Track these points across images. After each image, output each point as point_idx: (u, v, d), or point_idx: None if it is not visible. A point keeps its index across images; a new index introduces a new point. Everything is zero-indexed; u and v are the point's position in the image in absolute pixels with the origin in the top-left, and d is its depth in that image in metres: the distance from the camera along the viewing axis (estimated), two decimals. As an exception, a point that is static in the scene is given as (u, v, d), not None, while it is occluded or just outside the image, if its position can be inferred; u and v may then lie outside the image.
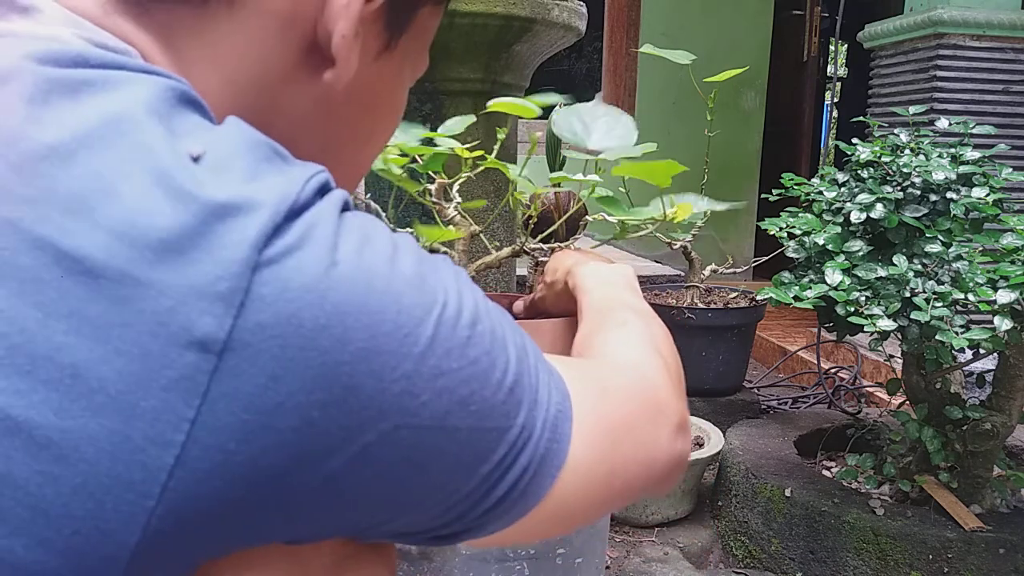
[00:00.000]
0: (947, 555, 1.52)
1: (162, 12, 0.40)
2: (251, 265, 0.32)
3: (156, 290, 0.31)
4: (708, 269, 2.34)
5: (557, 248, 0.85)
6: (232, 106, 0.41)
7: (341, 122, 0.47)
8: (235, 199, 0.33)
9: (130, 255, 0.31)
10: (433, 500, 0.38)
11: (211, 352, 0.31)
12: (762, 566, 1.77)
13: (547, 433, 0.41)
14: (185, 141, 0.34)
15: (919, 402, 1.67)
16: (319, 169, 0.37)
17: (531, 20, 1.52)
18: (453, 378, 0.37)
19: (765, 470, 1.81)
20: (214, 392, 0.31)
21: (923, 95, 2.89)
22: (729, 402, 2.43)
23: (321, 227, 0.34)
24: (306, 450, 0.33)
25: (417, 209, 1.42)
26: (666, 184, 0.75)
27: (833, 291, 1.47)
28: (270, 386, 0.32)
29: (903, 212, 1.57)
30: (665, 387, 0.52)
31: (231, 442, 0.32)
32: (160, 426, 0.31)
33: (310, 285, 0.33)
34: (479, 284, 0.45)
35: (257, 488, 0.33)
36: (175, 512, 0.31)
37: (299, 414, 0.33)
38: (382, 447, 0.35)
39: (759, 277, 3.96)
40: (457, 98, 1.61)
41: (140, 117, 0.34)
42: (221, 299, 0.32)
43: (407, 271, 0.37)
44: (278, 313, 0.32)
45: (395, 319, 0.35)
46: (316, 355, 0.33)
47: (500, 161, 0.83)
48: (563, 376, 0.45)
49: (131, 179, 0.32)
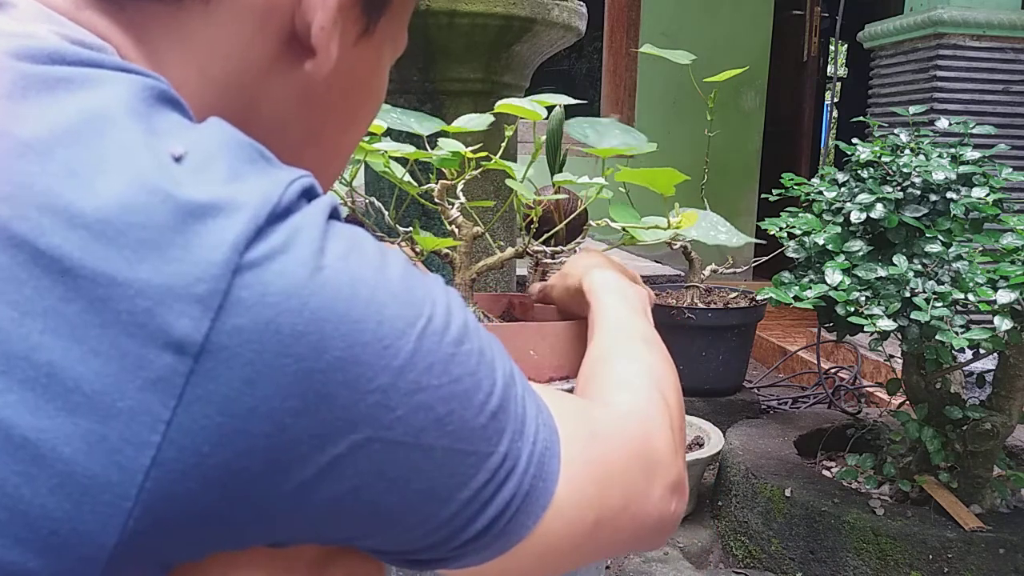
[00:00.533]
0: (947, 555, 1.52)
1: (134, 8, 0.40)
2: (231, 268, 0.32)
3: (133, 290, 0.31)
4: (708, 269, 2.34)
5: (558, 250, 0.85)
6: (211, 101, 0.41)
7: (324, 109, 0.46)
8: (215, 200, 0.33)
9: (107, 255, 0.31)
10: (409, 521, 0.38)
11: (187, 354, 0.31)
12: (762, 566, 1.77)
13: (533, 469, 0.40)
14: (166, 140, 0.34)
15: (919, 402, 1.67)
16: (303, 173, 0.36)
17: (531, 20, 1.52)
18: (432, 395, 0.36)
19: (765, 470, 1.81)
20: (189, 394, 0.31)
21: (923, 95, 2.89)
22: (729, 402, 2.43)
23: (306, 232, 0.34)
24: (278, 456, 0.33)
25: (418, 210, 1.42)
26: (669, 192, 0.75)
27: (833, 291, 1.47)
28: (245, 390, 0.32)
29: (903, 212, 1.57)
30: (664, 441, 0.51)
31: (205, 444, 0.32)
32: (136, 427, 0.31)
33: (291, 290, 0.33)
34: (480, 284, 0.45)
35: (231, 491, 0.33)
36: (152, 513, 0.31)
37: (272, 420, 0.32)
38: (353, 459, 0.35)
39: (759, 277, 3.96)
40: (457, 98, 1.61)
41: (118, 116, 0.34)
42: (199, 301, 0.31)
43: (393, 282, 0.36)
44: (256, 317, 0.32)
45: (375, 330, 0.34)
46: (291, 362, 0.32)
47: (504, 162, 0.84)
48: (555, 413, 0.44)
49: (108, 178, 0.32)
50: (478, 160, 0.86)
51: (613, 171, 0.81)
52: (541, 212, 0.90)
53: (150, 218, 0.32)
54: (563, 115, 0.89)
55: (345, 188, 0.97)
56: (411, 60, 1.57)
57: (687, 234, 0.85)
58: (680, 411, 0.56)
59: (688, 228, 0.82)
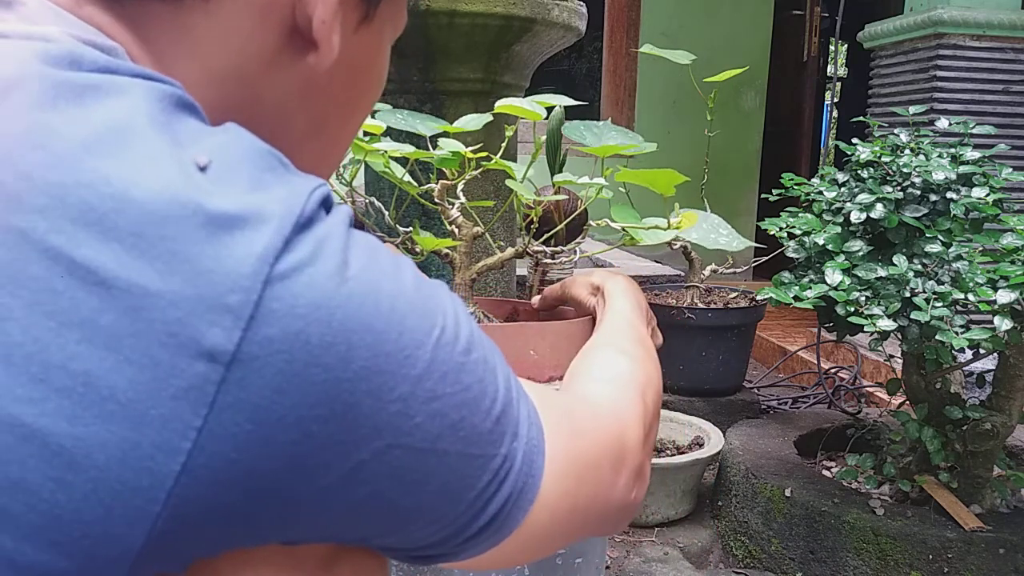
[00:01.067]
0: (947, 555, 1.52)
1: (135, 6, 0.40)
2: (262, 279, 0.33)
3: (166, 301, 0.32)
4: (708, 269, 2.34)
5: (558, 251, 0.85)
6: (215, 97, 0.41)
7: (327, 98, 0.47)
8: (242, 210, 0.33)
9: (140, 266, 0.32)
10: (421, 522, 0.40)
11: (219, 363, 0.32)
12: (762, 566, 1.77)
13: (525, 467, 0.43)
14: (190, 150, 0.34)
15: (919, 402, 1.67)
16: (320, 182, 0.37)
17: (531, 20, 1.52)
18: (447, 402, 0.38)
19: (765, 470, 1.81)
20: (221, 402, 0.32)
21: (923, 95, 2.89)
22: (729, 402, 2.43)
23: (332, 243, 0.35)
24: (303, 463, 0.34)
25: (418, 210, 1.42)
26: (669, 193, 0.76)
27: (833, 291, 1.47)
28: (274, 399, 0.33)
29: (903, 212, 1.57)
30: (635, 434, 0.54)
31: (234, 451, 0.32)
32: (168, 434, 0.32)
33: (320, 302, 0.34)
34: (480, 284, 0.46)
35: (255, 495, 0.34)
36: (179, 516, 0.32)
37: (300, 427, 0.33)
38: (375, 465, 0.36)
39: (759, 277, 3.96)
40: (457, 98, 1.61)
41: (142, 126, 0.34)
42: (230, 311, 0.32)
43: (409, 293, 0.37)
44: (287, 328, 0.33)
45: (397, 340, 0.36)
46: (320, 371, 0.33)
47: (504, 162, 0.84)
48: (541, 411, 0.46)
49: (139, 190, 0.33)
50: (478, 160, 0.86)
51: (613, 171, 0.82)
52: (541, 212, 0.90)
53: (181, 230, 0.32)
54: (563, 115, 0.89)
55: (345, 188, 0.96)
56: (411, 60, 1.57)
57: (688, 236, 0.85)
58: (656, 410, 0.61)
59: (689, 230, 0.82)
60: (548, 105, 0.85)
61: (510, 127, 0.94)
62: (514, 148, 1.47)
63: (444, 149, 0.85)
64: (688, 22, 4.54)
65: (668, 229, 0.80)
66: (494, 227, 1.72)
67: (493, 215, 1.31)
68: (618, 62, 4.61)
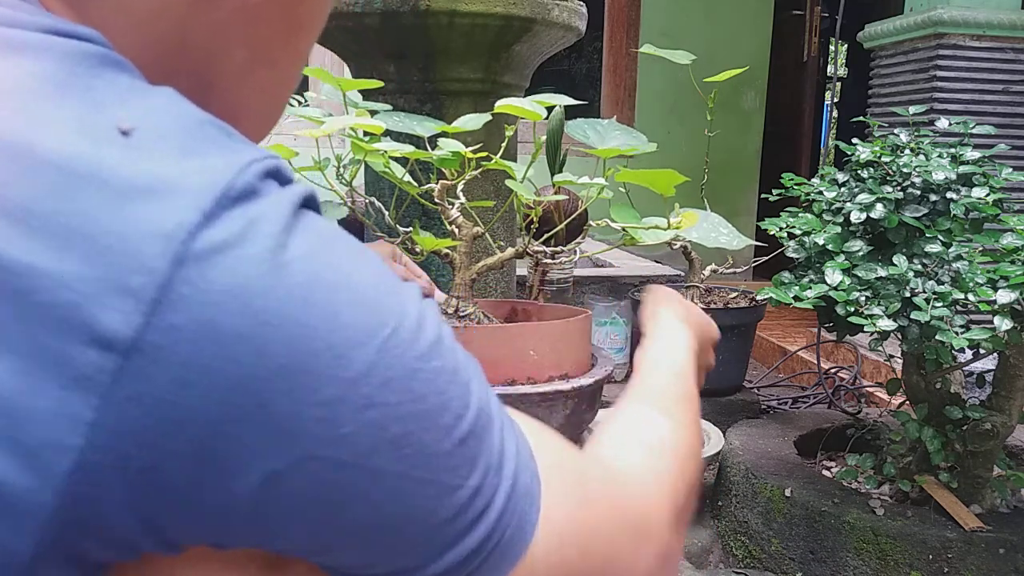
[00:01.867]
0: (947, 555, 1.52)
1: None
2: (171, 259, 0.29)
3: (59, 282, 0.28)
4: (708, 269, 2.34)
5: (558, 251, 0.85)
6: (140, 41, 0.38)
7: (263, 21, 0.42)
8: (155, 181, 0.30)
9: (30, 245, 0.28)
10: (352, 549, 0.34)
11: (115, 351, 0.29)
12: (762, 566, 1.77)
13: (510, 513, 0.36)
14: (113, 113, 0.31)
15: (919, 402, 1.67)
16: (267, 154, 0.33)
17: (531, 20, 1.52)
18: (386, 412, 0.32)
19: (765, 470, 1.81)
20: (117, 394, 0.29)
21: (923, 95, 2.89)
22: (729, 402, 2.43)
23: (265, 223, 0.31)
24: (212, 465, 0.30)
25: (418, 210, 1.42)
26: (669, 193, 0.76)
27: (833, 291, 1.47)
28: (180, 392, 0.29)
29: (903, 212, 1.57)
30: (661, 513, 0.47)
31: (134, 447, 0.29)
32: (56, 429, 0.28)
33: (236, 289, 0.30)
34: (480, 284, 0.45)
35: (160, 497, 0.30)
36: (74, 519, 0.29)
37: (208, 426, 0.30)
38: (293, 477, 0.31)
39: (759, 277, 3.96)
40: (457, 98, 1.61)
41: (44, 90, 0.31)
42: (132, 295, 0.29)
43: (360, 288, 0.33)
44: (196, 316, 0.29)
45: (327, 337, 0.31)
46: (232, 366, 0.30)
47: (504, 162, 0.84)
48: (550, 465, 0.40)
49: (35, 160, 0.29)
50: (478, 160, 0.86)
51: (613, 171, 0.82)
52: (541, 212, 0.90)
53: (80, 203, 0.29)
54: (563, 115, 0.89)
55: (345, 188, 0.97)
56: (411, 60, 1.57)
57: (688, 235, 0.85)
58: (692, 481, 0.53)
59: (689, 229, 0.82)
60: (548, 105, 0.85)
61: (510, 127, 0.94)
62: (514, 148, 1.46)
63: (444, 149, 0.85)
64: (688, 22, 4.54)
65: (668, 229, 0.80)
66: (494, 227, 1.72)
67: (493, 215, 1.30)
68: (618, 62, 4.61)
